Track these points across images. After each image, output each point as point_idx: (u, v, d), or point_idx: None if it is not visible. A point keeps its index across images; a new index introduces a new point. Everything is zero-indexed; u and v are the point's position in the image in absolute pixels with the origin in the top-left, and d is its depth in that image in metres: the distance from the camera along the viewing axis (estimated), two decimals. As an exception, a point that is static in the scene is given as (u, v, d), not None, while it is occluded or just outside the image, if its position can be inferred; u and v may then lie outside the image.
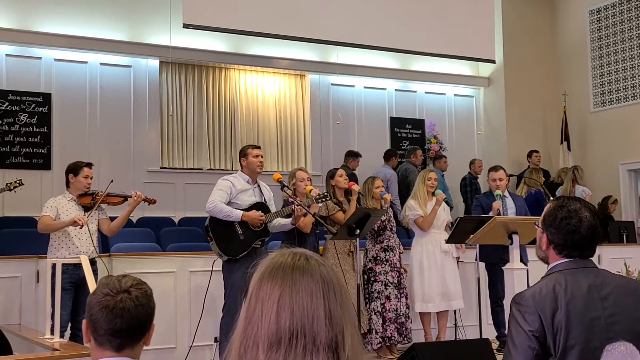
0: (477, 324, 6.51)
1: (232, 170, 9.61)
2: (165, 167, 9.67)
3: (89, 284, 4.69)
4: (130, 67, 9.49)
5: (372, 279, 6.69)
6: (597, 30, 11.52)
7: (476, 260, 6.71)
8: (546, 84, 12.00)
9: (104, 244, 7.25)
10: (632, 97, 11.01)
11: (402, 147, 11.09)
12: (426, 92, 11.72)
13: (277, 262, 1.39)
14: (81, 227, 5.56)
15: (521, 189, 9.53)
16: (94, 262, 5.57)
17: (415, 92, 11.63)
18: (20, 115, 8.70)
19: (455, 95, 11.97)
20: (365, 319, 6.53)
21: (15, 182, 6.55)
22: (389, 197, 6.97)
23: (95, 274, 5.33)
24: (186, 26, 8.57)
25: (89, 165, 5.82)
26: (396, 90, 11.46)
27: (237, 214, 5.74)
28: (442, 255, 6.89)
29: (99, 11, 9.22)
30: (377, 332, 6.58)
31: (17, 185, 6.55)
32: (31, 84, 8.85)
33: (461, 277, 7.11)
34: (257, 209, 5.85)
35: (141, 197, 5.80)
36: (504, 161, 10.69)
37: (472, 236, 6.03)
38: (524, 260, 6.52)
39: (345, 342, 1.33)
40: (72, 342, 5.01)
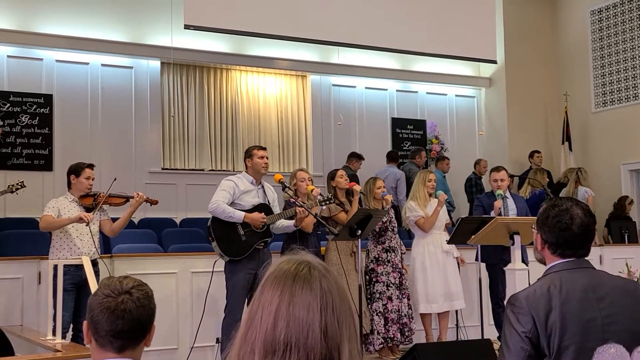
0: (479, 324, 6.51)
1: (234, 171, 9.63)
2: (166, 168, 9.67)
3: (90, 285, 4.69)
4: (131, 68, 9.50)
5: (374, 279, 6.69)
6: (599, 30, 11.51)
7: (477, 260, 6.71)
8: (547, 85, 11.99)
9: (106, 245, 7.25)
10: (633, 97, 11.00)
11: (404, 148, 11.08)
12: (427, 93, 11.71)
13: (281, 269, 1.38)
14: (87, 224, 5.57)
15: (525, 189, 9.49)
16: (95, 263, 5.58)
17: (416, 92, 11.63)
18: (21, 116, 8.71)
19: (456, 95, 11.97)
20: (367, 319, 6.53)
21: (17, 183, 6.56)
22: (390, 197, 6.97)
23: (96, 275, 5.34)
24: (187, 27, 8.59)
25: (91, 166, 5.83)
26: (397, 90, 11.46)
27: (239, 215, 5.73)
28: (443, 255, 6.90)
29: (100, 12, 9.23)
30: (379, 332, 6.57)
31: (19, 187, 6.55)
32: (32, 85, 8.85)
33: (462, 278, 7.11)
34: (260, 210, 5.85)
35: (143, 197, 5.80)
36: (506, 161, 10.68)
37: (473, 237, 6.03)
38: (524, 260, 6.51)
39: (342, 359, 1.32)
40: (73, 343, 5.02)
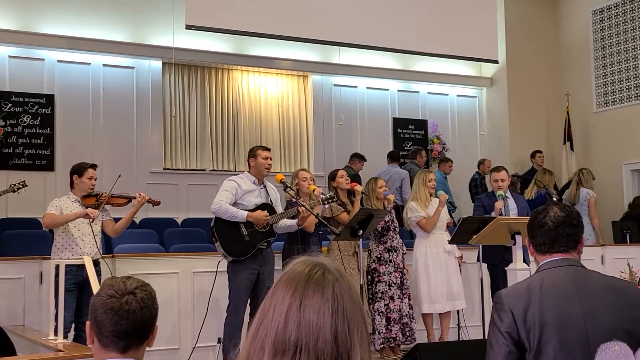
0: (480, 324, 6.51)
1: (235, 171, 9.63)
2: (168, 168, 9.67)
3: (92, 285, 4.70)
4: (133, 68, 9.51)
5: (376, 279, 6.69)
6: (600, 30, 11.51)
7: (478, 260, 6.71)
8: (549, 84, 11.99)
9: (107, 245, 7.26)
10: (635, 97, 10.99)
11: (405, 148, 11.08)
12: (429, 93, 11.71)
13: (295, 270, 1.38)
14: (92, 221, 5.60)
15: (531, 190, 9.44)
16: (97, 263, 5.59)
17: (417, 92, 11.63)
18: (23, 116, 8.71)
19: (458, 95, 11.97)
20: (369, 319, 6.53)
21: (18, 183, 6.57)
22: (392, 197, 6.97)
23: (98, 275, 5.34)
24: (189, 27, 8.59)
25: (94, 166, 5.84)
26: (399, 90, 11.46)
27: (242, 215, 5.73)
28: (445, 255, 6.90)
29: (101, 13, 9.23)
30: (379, 332, 6.58)
31: (21, 186, 6.57)
32: (34, 85, 8.86)
33: (464, 278, 7.11)
34: (263, 210, 5.85)
35: (145, 198, 5.81)
36: (507, 162, 10.67)
37: (474, 237, 6.02)
38: (526, 260, 6.51)
39: None
40: (75, 343, 5.02)
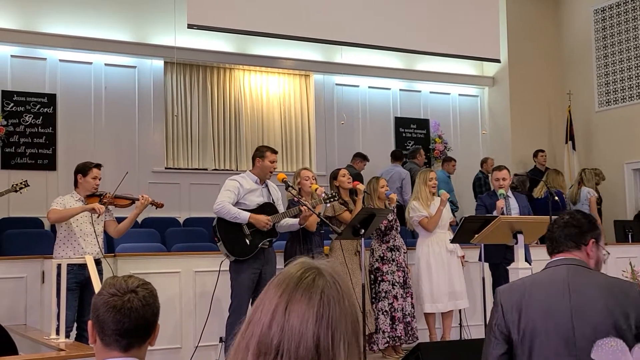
0: (482, 323, 6.51)
1: (237, 170, 9.63)
2: (170, 168, 9.67)
3: (94, 284, 4.70)
4: (134, 67, 9.51)
5: (379, 278, 6.69)
6: (602, 29, 11.49)
7: (480, 260, 6.70)
8: (551, 84, 11.97)
9: (109, 245, 7.26)
10: (637, 96, 10.98)
11: (407, 147, 11.07)
12: (431, 92, 11.70)
13: (288, 272, 1.36)
14: (98, 216, 5.64)
15: (540, 189, 9.37)
16: (98, 262, 5.59)
17: (419, 92, 11.62)
18: (25, 116, 8.72)
19: (459, 95, 11.96)
20: (372, 319, 6.52)
21: (20, 183, 6.57)
22: (394, 197, 6.97)
23: (100, 274, 5.35)
24: (190, 27, 8.58)
25: (98, 166, 5.85)
26: (401, 90, 11.45)
27: (245, 216, 5.73)
28: (448, 255, 6.90)
29: (103, 12, 9.23)
30: (384, 332, 6.57)
31: (23, 186, 6.57)
32: (36, 84, 8.86)
33: (465, 277, 7.10)
34: (265, 209, 5.86)
35: (148, 200, 5.82)
36: (509, 161, 10.67)
37: (476, 236, 6.02)
38: (528, 259, 6.50)
39: None
40: (77, 342, 5.03)
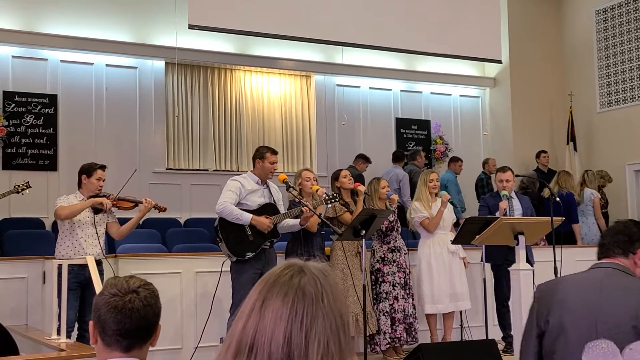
0: (483, 324, 6.50)
1: (238, 171, 9.62)
2: (171, 168, 9.67)
3: (95, 285, 4.70)
4: (135, 68, 9.51)
5: (380, 279, 6.69)
6: (604, 30, 11.48)
7: (482, 261, 6.70)
8: (552, 85, 11.96)
9: (110, 245, 7.26)
10: (638, 97, 10.96)
11: (408, 148, 11.06)
12: (432, 93, 11.69)
13: (272, 270, 1.39)
14: (104, 212, 5.66)
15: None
16: (99, 263, 5.59)
17: (420, 92, 11.62)
18: (26, 116, 8.72)
19: (461, 95, 11.95)
20: (373, 320, 6.52)
21: (22, 184, 6.57)
22: (396, 197, 6.96)
23: (100, 274, 5.35)
24: (191, 27, 8.58)
25: (103, 167, 5.86)
26: (402, 91, 11.44)
27: (247, 218, 5.74)
28: (449, 256, 6.89)
29: (104, 13, 9.23)
30: (385, 332, 6.57)
31: (25, 187, 6.57)
32: (37, 85, 8.86)
33: (467, 278, 7.09)
34: (267, 210, 5.87)
35: (152, 203, 5.82)
36: (511, 162, 10.64)
37: (477, 237, 6.01)
38: (530, 261, 6.50)
39: None
40: (78, 343, 5.03)
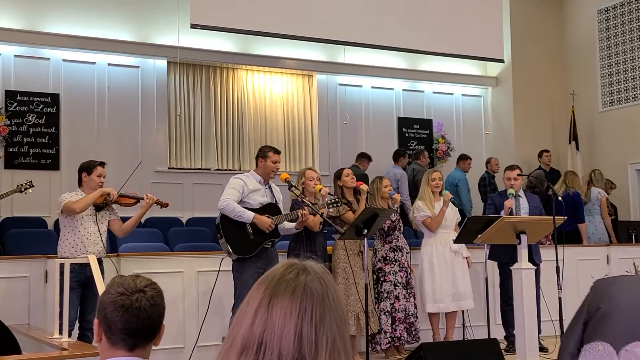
0: (486, 324, 6.49)
1: (240, 170, 9.62)
2: (173, 168, 9.67)
3: (97, 284, 4.69)
4: (138, 67, 9.51)
5: (382, 278, 6.68)
6: (606, 29, 11.47)
7: (485, 260, 6.68)
8: (554, 84, 11.95)
9: (112, 244, 7.26)
10: (641, 96, 10.96)
11: (410, 147, 11.05)
12: (434, 92, 11.69)
13: (273, 269, 1.40)
14: (111, 202, 5.69)
15: (558, 189, 9.29)
16: (100, 262, 5.58)
17: (422, 92, 11.61)
18: (28, 115, 8.72)
19: (463, 95, 11.94)
20: (375, 319, 6.51)
21: (25, 183, 6.56)
22: (398, 197, 6.95)
23: (102, 273, 5.35)
24: (194, 26, 8.57)
25: (102, 164, 5.86)
26: (404, 90, 11.44)
27: (249, 216, 5.75)
28: (452, 255, 6.87)
29: (106, 12, 9.23)
30: (385, 332, 6.56)
31: (28, 187, 6.56)
32: (39, 84, 8.86)
33: (471, 277, 7.06)
34: (269, 210, 5.88)
35: (153, 199, 5.82)
36: (513, 161, 10.58)
37: (479, 236, 6.00)
38: (535, 260, 6.48)
39: None
40: (80, 342, 5.02)
